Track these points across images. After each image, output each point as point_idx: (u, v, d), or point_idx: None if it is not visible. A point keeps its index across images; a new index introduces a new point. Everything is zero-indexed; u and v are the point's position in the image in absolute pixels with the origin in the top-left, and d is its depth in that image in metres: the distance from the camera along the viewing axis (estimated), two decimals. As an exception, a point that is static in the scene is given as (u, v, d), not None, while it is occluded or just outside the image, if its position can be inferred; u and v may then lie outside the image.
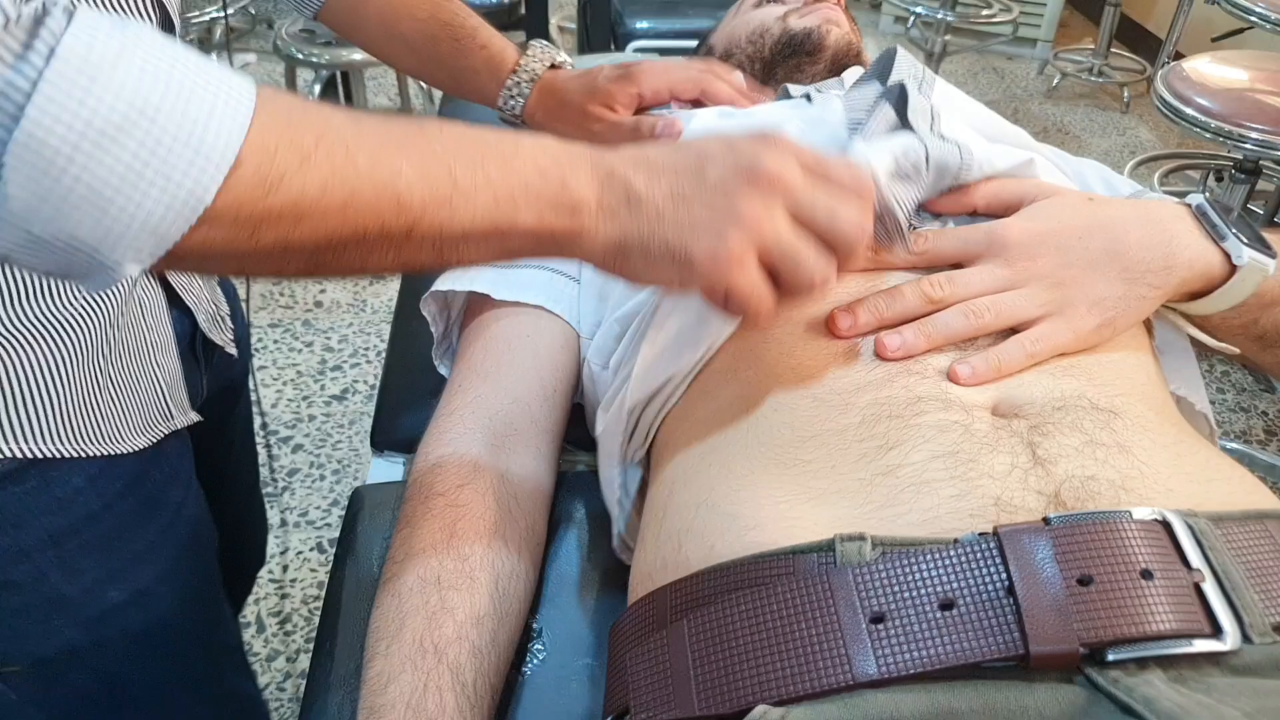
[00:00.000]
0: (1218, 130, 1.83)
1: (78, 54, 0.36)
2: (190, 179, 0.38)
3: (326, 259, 0.43)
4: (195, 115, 0.38)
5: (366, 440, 1.46)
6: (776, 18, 0.95)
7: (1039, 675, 0.43)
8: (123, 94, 0.36)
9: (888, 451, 0.52)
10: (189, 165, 0.38)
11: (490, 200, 0.45)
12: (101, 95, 0.36)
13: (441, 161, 0.44)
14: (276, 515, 1.71)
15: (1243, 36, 2.73)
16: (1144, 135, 3.30)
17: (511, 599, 0.62)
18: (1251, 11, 2.00)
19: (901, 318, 0.59)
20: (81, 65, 0.36)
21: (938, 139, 0.64)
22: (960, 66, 3.74)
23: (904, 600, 0.44)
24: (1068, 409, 0.54)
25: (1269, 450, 2.01)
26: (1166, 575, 0.44)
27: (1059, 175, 0.73)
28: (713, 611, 0.48)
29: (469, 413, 0.71)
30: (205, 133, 0.38)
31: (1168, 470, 0.52)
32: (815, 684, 0.44)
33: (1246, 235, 0.60)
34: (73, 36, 0.36)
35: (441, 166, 0.44)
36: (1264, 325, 0.64)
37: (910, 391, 0.55)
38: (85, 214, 0.37)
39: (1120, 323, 0.60)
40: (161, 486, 0.66)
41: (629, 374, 0.66)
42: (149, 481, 0.65)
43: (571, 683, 0.63)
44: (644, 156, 0.50)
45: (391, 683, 0.55)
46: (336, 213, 0.42)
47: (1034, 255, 0.60)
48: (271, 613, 1.56)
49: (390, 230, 0.43)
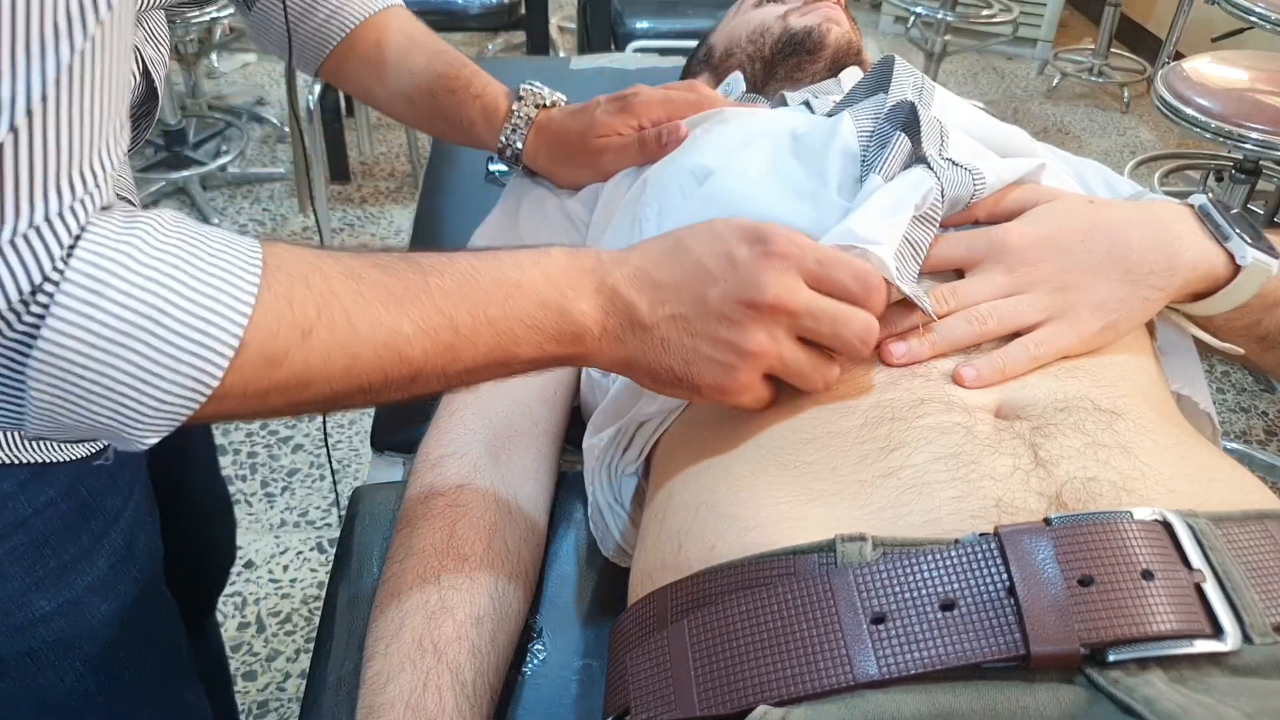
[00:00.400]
0: (1218, 130, 1.83)
1: (85, 273, 0.38)
2: (196, 369, 0.41)
3: (337, 405, 0.46)
4: (200, 311, 0.40)
5: (366, 440, 1.46)
6: (777, 16, 0.95)
7: (1040, 676, 0.43)
8: (129, 304, 0.39)
9: (890, 453, 0.52)
10: (193, 357, 0.41)
11: (492, 339, 0.48)
12: (109, 308, 0.39)
13: (443, 313, 0.47)
14: (277, 515, 1.71)
15: (1243, 36, 2.73)
16: (1144, 135, 3.30)
17: (511, 599, 0.62)
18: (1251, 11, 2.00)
19: (907, 329, 0.59)
20: (90, 283, 0.38)
21: (949, 167, 0.64)
22: (960, 66, 3.74)
23: (905, 601, 0.44)
24: (1070, 410, 0.54)
25: (1269, 450, 2.01)
26: (1167, 576, 0.44)
27: (1065, 177, 0.73)
28: (713, 612, 0.48)
29: (469, 414, 0.71)
30: (209, 326, 0.41)
31: (1169, 471, 0.52)
32: (816, 684, 0.44)
33: (1250, 235, 0.60)
34: (80, 255, 0.38)
35: (443, 317, 0.47)
36: (1267, 326, 0.64)
37: (913, 394, 0.55)
38: (103, 407, 0.40)
39: (1124, 325, 0.60)
40: (97, 494, 0.65)
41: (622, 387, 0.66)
42: (83, 488, 0.64)
43: (571, 683, 0.63)
44: (646, 273, 0.52)
45: (391, 682, 0.55)
46: (341, 375, 0.45)
47: (1036, 260, 0.60)
48: (271, 613, 1.56)
49: (394, 379, 0.46)
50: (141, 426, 0.41)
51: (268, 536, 1.67)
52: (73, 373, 0.39)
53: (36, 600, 0.62)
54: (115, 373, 0.39)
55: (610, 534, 0.69)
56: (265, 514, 1.71)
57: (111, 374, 0.39)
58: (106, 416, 0.41)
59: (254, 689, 1.44)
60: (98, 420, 0.41)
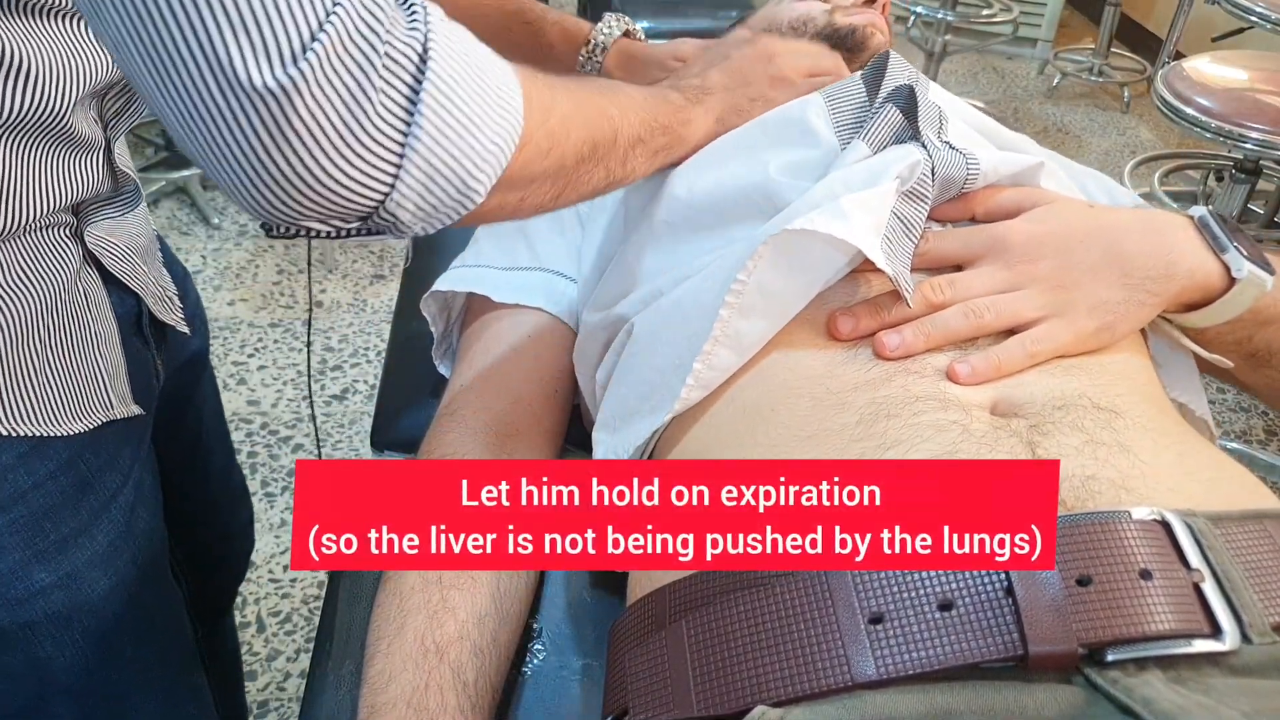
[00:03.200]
0: (1218, 130, 1.83)
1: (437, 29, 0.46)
2: (512, 116, 0.49)
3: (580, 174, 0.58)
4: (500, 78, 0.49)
5: (366, 440, 1.46)
6: (824, 10, 0.95)
7: (1038, 676, 0.43)
8: (468, 61, 0.47)
9: (886, 451, 0.52)
10: (507, 110, 0.49)
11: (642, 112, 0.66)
12: (455, 58, 0.46)
13: (612, 99, 0.63)
14: (277, 515, 1.71)
15: (1243, 36, 2.73)
16: (1144, 135, 3.30)
17: (512, 599, 0.62)
18: (1251, 11, 2.00)
19: (902, 320, 0.59)
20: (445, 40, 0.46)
21: (945, 149, 0.64)
22: (960, 66, 3.74)
23: (903, 601, 0.44)
24: (1068, 408, 0.54)
25: (1269, 450, 2.01)
26: (1166, 575, 0.44)
27: (1066, 181, 0.73)
28: (712, 612, 0.48)
29: (470, 412, 0.71)
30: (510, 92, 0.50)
31: (1169, 470, 0.52)
32: (814, 685, 0.44)
33: (1247, 249, 0.61)
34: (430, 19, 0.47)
35: (628, 98, 0.65)
36: (1257, 343, 0.64)
37: (908, 391, 0.55)
38: (464, 141, 0.47)
39: (1120, 327, 0.60)
40: (96, 471, 0.66)
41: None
42: (82, 464, 0.65)
43: (571, 683, 0.63)
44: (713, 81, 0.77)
45: (392, 681, 0.55)
46: (581, 128, 0.57)
47: (1035, 258, 0.60)
48: (271, 613, 1.56)
49: (602, 143, 0.59)
50: (486, 165, 0.48)
51: (268, 536, 1.67)
52: (454, 101, 0.46)
53: (36, 572, 0.63)
54: (469, 108, 0.46)
55: None
56: (265, 514, 1.71)
57: (467, 109, 0.46)
58: (465, 150, 0.47)
59: (254, 689, 1.44)
60: (461, 158, 0.47)
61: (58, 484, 0.63)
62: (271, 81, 0.41)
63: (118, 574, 0.69)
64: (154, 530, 0.74)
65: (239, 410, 1.90)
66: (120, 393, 0.68)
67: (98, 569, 0.67)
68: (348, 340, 2.10)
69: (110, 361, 0.67)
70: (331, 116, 0.42)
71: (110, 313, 0.68)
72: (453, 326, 0.85)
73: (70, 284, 0.63)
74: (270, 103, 0.41)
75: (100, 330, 0.66)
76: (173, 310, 0.77)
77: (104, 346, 0.67)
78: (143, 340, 0.73)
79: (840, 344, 0.59)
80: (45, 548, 0.64)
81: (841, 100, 0.72)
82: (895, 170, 0.60)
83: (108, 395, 0.66)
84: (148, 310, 0.73)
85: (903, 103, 0.67)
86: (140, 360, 0.72)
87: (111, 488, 0.68)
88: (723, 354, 0.59)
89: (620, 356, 0.67)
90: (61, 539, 0.64)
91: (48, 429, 0.62)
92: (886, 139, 0.66)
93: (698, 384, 0.59)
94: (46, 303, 0.61)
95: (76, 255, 0.64)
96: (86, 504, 0.66)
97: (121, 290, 0.70)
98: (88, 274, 0.66)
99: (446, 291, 0.81)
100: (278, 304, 2.20)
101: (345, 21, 0.42)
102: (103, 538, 0.67)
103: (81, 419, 0.64)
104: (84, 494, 0.66)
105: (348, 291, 2.25)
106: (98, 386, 0.66)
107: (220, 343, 2.06)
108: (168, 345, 0.78)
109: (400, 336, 1.03)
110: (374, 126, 0.44)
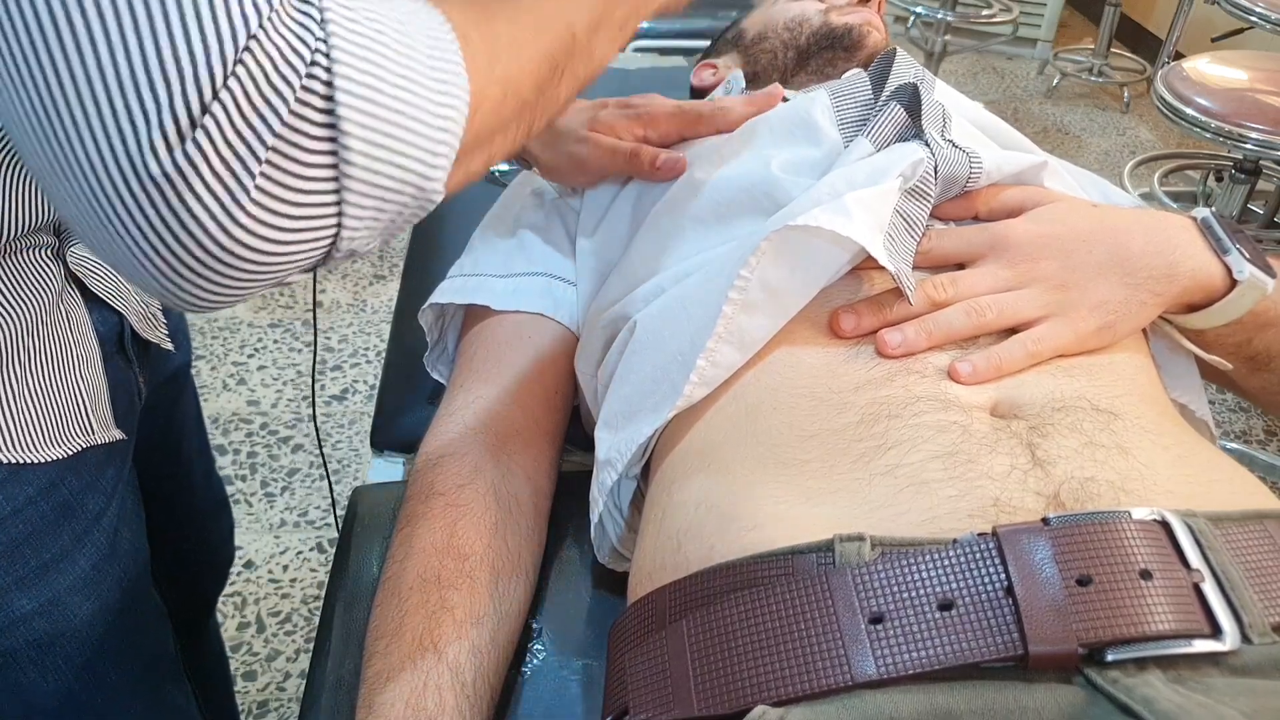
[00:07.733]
0: (1218, 130, 1.83)
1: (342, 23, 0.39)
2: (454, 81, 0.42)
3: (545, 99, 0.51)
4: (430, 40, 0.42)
5: (366, 440, 1.46)
6: (819, 10, 0.95)
7: (1038, 676, 0.43)
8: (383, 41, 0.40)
9: (886, 451, 0.52)
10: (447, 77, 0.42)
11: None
12: (365, 47, 0.39)
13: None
14: (277, 515, 1.71)
15: (1243, 36, 2.73)
16: (1144, 135, 3.30)
17: (511, 599, 0.62)
18: (1251, 11, 2.00)
19: (904, 318, 0.59)
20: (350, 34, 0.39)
21: (948, 147, 0.64)
22: (960, 66, 3.74)
23: (903, 601, 0.44)
24: (1067, 410, 0.54)
25: (1269, 450, 2.01)
26: (1165, 575, 0.44)
27: (1069, 180, 0.73)
28: (712, 612, 0.48)
29: (470, 413, 0.71)
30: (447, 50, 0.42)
31: (1168, 471, 0.52)
32: (814, 684, 0.44)
33: (1249, 252, 0.61)
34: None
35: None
36: (1256, 346, 0.64)
37: (909, 391, 0.55)
38: (406, 140, 0.40)
39: (1121, 327, 0.60)
40: (77, 494, 0.65)
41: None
42: (63, 488, 0.63)
43: (571, 683, 0.63)
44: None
45: (391, 681, 0.55)
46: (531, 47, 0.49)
47: (1037, 257, 0.60)
48: (271, 613, 1.56)
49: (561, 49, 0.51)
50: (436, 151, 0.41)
51: (268, 536, 1.67)
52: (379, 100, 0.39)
53: (17, 600, 0.62)
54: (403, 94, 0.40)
55: (606, 538, 0.69)
56: (265, 514, 1.71)
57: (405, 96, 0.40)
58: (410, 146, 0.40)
59: (254, 689, 1.44)
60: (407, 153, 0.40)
61: (38, 509, 0.62)
62: (168, 165, 0.36)
63: (100, 598, 0.68)
64: (138, 550, 0.72)
65: (239, 410, 1.90)
66: (101, 417, 0.66)
67: (80, 594, 0.66)
68: (348, 340, 2.10)
69: (92, 384, 0.66)
70: (230, 184, 0.37)
71: (92, 333, 0.66)
72: (446, 332, 0.85)
73: (52, 306, 0.61)
74: (165, 187, 0.36)
75: (82, 352, 0.65)
76: (156, 327, 0.76)
77: (85, 369, 0.65)
78: (125, 359, 0.72)
79: (842, 342, 0.59)
80: (25, 574, 0.62)
81: (846, 97, 0.72)
82: (898, 168, 0.60)
83: (88, 420, 0.65)
84: (130, 328, 0.72)
85: (907, 100, 0.67)
86: (123, 380, 0.71)
87: (94, 510, 0.66)
88: (726, 351, 0.59)
89: (622, 354, 0.66)
90: (42, 565, 0.63)
91: (26, 455, 0.60)
92: (890, 136, 0.66)
93: (701, 381, 0.59)
94: (27, 325, 0.59)
95: (58, 276, 0.62)
96: (68, 528, 0.64)
97: (104, 309, 0.68)
98: (69, 295, 0.64)
99: (445, 304, 0.81)
100: (278, 304, 2.20)
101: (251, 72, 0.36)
102: (85, 562, 0.66)
103: (61, 445, 0.62)
104: (66, 518, 0.64)
105: (348, 291, 2.25)
106: (78, 410, 0.64)
107: (220, 343, 2.06)
108: (150, 361, 0.77)
109: (400, 336, 1.03)
110: (291, 175, 0.38)
